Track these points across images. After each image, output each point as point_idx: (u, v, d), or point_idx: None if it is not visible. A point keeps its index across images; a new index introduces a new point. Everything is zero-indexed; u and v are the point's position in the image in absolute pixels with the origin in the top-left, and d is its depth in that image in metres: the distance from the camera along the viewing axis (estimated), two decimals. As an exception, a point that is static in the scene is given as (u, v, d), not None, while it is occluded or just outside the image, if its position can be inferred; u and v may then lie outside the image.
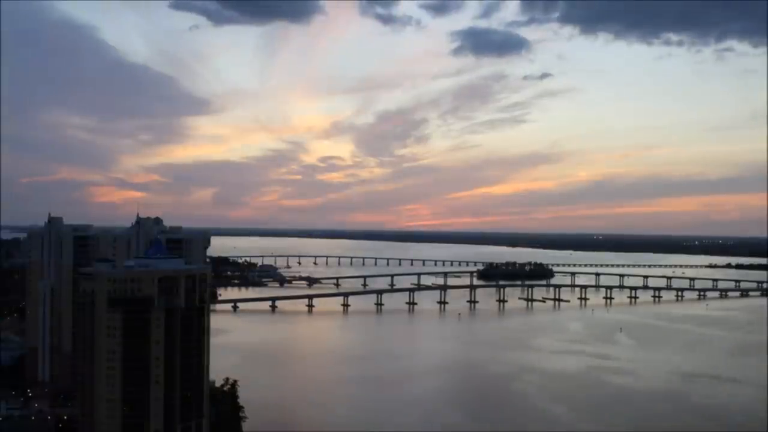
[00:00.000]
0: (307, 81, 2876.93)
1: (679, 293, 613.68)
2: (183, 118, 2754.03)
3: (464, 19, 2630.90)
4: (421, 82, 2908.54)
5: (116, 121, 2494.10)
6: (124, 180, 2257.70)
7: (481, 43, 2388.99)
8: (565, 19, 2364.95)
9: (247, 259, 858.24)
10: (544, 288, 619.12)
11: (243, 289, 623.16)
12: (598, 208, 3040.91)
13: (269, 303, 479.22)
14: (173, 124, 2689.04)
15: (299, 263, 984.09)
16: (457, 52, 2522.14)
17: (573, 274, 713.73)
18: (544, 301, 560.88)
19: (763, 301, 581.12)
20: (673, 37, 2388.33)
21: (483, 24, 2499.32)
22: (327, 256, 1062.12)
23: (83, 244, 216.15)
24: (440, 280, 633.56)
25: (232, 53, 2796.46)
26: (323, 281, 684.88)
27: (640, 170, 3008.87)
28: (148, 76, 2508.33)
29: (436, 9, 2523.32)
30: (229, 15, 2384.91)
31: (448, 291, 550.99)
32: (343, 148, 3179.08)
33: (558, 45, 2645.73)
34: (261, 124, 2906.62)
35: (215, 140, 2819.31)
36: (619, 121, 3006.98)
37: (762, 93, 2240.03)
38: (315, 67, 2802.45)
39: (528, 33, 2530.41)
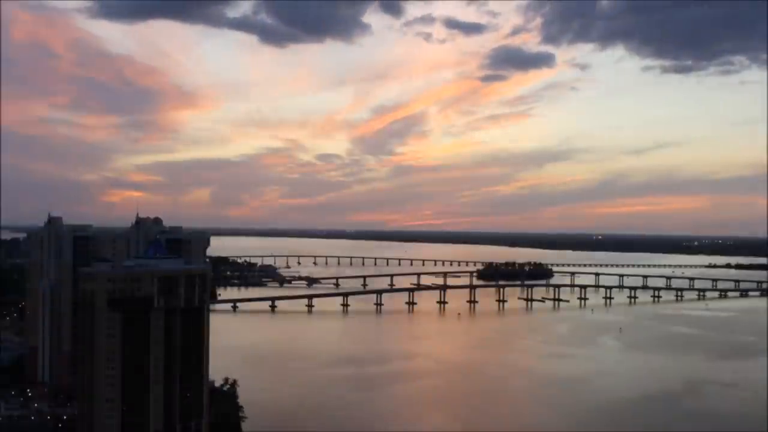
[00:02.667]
0: (301, 76, 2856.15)
1: (679, 293, 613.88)
2: (174, 114, 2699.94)
3: (489, 39, 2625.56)
4: (420, 75, 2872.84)
5: (104, 117, 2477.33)
6: (117, 179, 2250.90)
7: (510, 59, 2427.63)
8: (582, 38, 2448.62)
9: (247, 259, 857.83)
10: (544, 288, 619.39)
11: (243, 289, 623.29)
12: (602, 207, 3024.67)
13: (269, 303, 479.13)
14: (165, 120, 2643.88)
15: (299, 263, 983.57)
16: (489, 66, 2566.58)
17: (573, 274, 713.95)
18: (544, 301, 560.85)
19: (762, 301, 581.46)
20: (682, 52, 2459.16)
21: (511, 42, 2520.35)
22: (327, 256, 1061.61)
23: (83, 244, 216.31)
24: (440, 280, 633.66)
25: (223, 48, 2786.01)
26: (323, 281, 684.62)
27: (644, 170, 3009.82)
28: (135, 69, 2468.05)
29: (467, 28, 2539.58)
30: (289, 32, 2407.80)
31: (448, 291, 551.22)
32: (341, 146, 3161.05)
33: (575, 58, 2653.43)
34: (256, 121, 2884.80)
35: (210, 138, 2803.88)
36: (625, 122, 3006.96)
37: (762, 99, 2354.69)
38: (309, 62, 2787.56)
39: (549, 49, 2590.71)
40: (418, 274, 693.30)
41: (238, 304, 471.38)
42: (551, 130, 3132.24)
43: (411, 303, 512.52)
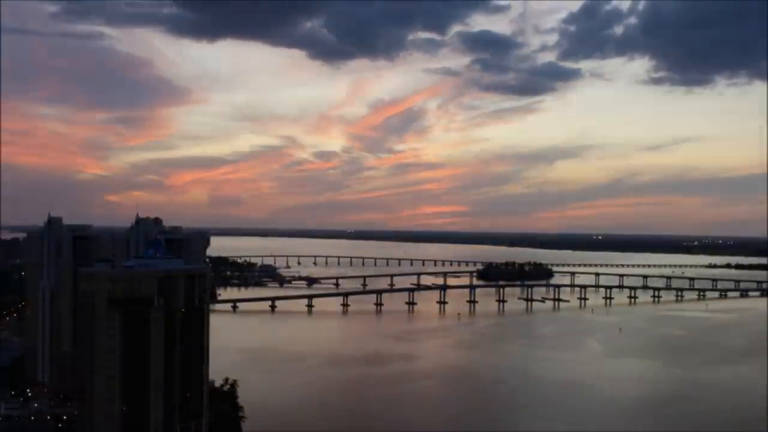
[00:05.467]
0: (295, 69, 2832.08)
1: (679, 293, 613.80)
2: (164, 111, 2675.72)
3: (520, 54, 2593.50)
4: (418, 67, 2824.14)
5: (93, 112, 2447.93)
6: (113, 177, 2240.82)
7: (539, 72, 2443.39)
8: (596, 54, 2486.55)
9: (247, 259, 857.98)
10: (544, 288, 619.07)
11: (243, 289, 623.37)
12: (611, 206, 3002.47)
13: (269, 303, 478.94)
14: (156, 115, 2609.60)
15: (299, 263, 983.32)
16: (522, 78, 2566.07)
17: (573, 274, 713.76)
18: (544, 302, 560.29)
19: (762, 301, 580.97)
20: (690, 68, 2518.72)
21: (537, 57, 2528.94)
22: (327, 256, 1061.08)
23: (83, 244, 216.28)
24: (440, 280, 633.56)
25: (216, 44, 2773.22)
26: (323, 281, 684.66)
27: (655, 168, 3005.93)
28: (123, 61, 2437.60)
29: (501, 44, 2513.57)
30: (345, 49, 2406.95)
31: (448, 291, 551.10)
32: (337, 143, 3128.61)
33: (592, 69, 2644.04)
34: (250, 117, 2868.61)
35: (204, 135, 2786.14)
36: (637, 120, 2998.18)
37: (763, 106, 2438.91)
38: (303, 56, 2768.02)
39: (572, 64, 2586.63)
40: (418, 274, 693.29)
41: (238, 304, 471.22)
42: (561, 126, 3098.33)
43: (411, 303, 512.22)
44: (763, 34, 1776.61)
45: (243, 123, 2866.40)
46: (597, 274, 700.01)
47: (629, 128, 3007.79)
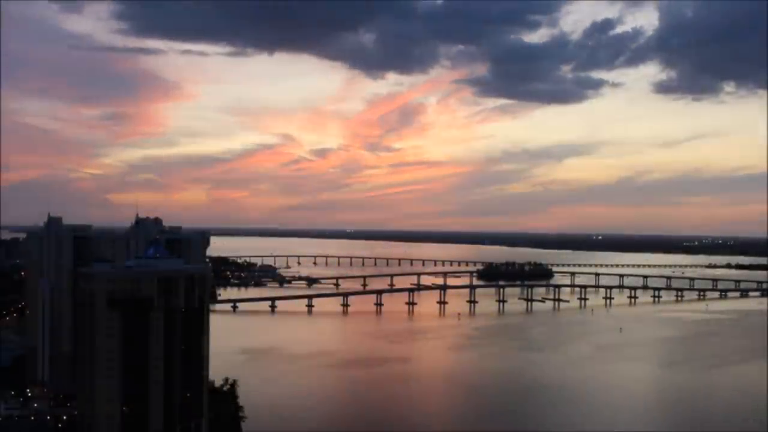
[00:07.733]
0: (290, 66, 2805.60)
1: (679, 293, 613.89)
2: (158, 107, 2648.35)
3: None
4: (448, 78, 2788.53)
5: (86, 109, 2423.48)
6: (108, 176, 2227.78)
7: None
8: (612, 65, 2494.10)
9: (247, 259, 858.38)
10: (544, 288, 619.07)
11: (243, 289, 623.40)
12: (619, 207, 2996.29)
13: (269, 303, 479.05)
14: (148, 112, 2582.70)
15: (299, 263, 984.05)
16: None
17: (573, 274, 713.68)
18: (544, 302, 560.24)
19: (762, 301, 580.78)
20: (696, 80, 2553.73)
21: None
22: (327, 256, 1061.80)
23: (83, 244, 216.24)
24: (440, 280, 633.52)
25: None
26: (323, 281, 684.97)
27: (652, 170, 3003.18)
28: (114, 56, 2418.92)
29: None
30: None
31: (448, 291, 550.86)
32: (335, 141, 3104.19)
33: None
34: (245, 114, 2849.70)
35: (199, 133, 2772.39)
36: (640, 125, 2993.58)
37: (763, 109, 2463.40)
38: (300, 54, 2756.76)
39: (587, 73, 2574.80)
40: (418, 274, 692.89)
41: (238, 304, 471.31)
42: (569, 123, 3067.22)
43: (411, 303, 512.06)
44: (763, 46, 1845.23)
45: (237, 118, 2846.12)
46: (597, 274, 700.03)
47: (637, 129, 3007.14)
